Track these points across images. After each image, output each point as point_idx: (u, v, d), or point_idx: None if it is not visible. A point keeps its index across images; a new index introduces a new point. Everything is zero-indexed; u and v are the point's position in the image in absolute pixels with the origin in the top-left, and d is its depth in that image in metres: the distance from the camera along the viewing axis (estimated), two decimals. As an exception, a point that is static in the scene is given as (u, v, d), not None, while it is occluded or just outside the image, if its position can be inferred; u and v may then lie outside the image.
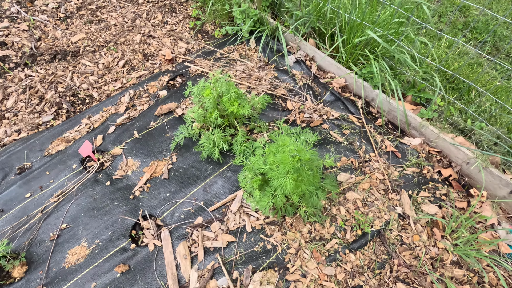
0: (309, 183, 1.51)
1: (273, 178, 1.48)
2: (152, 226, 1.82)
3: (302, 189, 1.47)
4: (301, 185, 1.47)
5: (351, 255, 1.77)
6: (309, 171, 1.46)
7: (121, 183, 2.01)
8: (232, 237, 1.80)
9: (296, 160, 1.36)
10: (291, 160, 1.36)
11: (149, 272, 1.68)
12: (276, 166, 1.46)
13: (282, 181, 1.41)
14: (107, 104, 2.48)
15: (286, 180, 1.40)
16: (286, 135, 1.51)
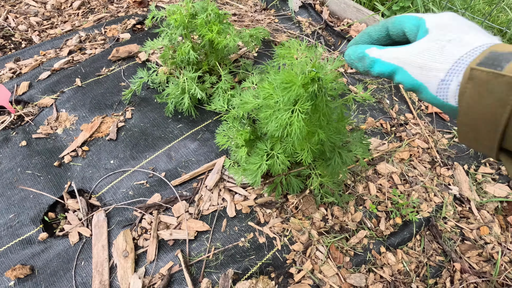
0: (331, 128, 0.87)
1: (269, 118, 0.83)
2: (81, 206, 1.17)
3: (320, 137, 0.83)
4: (317, 131, 0.83)
5: (389, 255, 1.14)
6: (330, 104, 0.82)
7: (45, 144, 1.36)
8: (204, 224, 1.15)
9: (311, 77, 0.71)
10: (303, 79, 0.72)
11: (63, 279, 1.02)
12: (274, 97, 0.81)
13: (285, 117, 0.77)
14: (47, 47, 1.83)
15: (292, 115, 0.76)
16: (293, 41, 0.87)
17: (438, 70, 0.35)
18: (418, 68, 0.36)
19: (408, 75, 0.38)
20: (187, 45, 1.36)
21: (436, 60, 0.35)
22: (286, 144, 0.94)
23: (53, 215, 1.17)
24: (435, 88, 0.35)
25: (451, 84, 0.34)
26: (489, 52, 0.31)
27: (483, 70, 0.30)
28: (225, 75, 1.43)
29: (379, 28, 0.46)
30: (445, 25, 0.37)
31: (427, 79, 0.36)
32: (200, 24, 1.30)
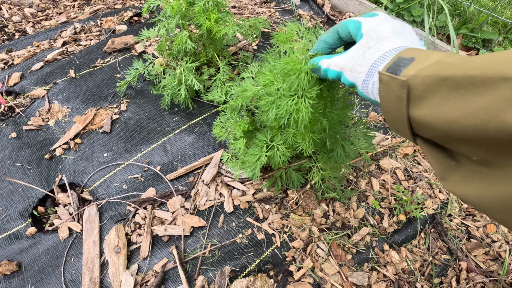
0: (334, 117, 0.82)
1: (270, 106, 0.78)
2: (72, 200, 1.12)
3: (323, 125, 0.78)
4: (320, 119, 0.78)
5: (393, 253, 1.09)
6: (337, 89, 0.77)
7: (36, 136, 1.31)
8: (200, 220, 1.10)
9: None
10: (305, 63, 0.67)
11: (51, 276, 0.97)
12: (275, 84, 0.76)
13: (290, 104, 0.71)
14: (41, 38, 1.78)
15: (299, 101, 0.71)
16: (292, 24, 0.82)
17: (361, 73, 0.44)
18: (349, 71, 0.46)
19: (345, 78, 0.47)
20: (184, 35, 1.31)
21: (359, 64, 0.44)
22: (286, 135, 0.89)
23: (43, 209, 1.12)
24: (360, 86, 0.45)
25: (369, 83, 0.43)
26: (397, 57, 0.39)
27: (386, 75, 0.38)
28: (223, 67, 1.39)
29: (331, 34, 0.54)
30: (372, 30, 0.45)
31: (356, 79, 0.45)
32: (197, 12, 1.25)
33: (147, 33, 1.35)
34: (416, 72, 0.34)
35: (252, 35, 1.51)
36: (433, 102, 0.33)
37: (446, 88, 0.31)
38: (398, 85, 0.36)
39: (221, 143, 1.32)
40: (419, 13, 1.68)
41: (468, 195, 0.33)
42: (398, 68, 0.37)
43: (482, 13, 1.73)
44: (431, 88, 0.33)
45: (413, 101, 0.35)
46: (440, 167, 0.37)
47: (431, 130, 0.34)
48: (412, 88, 0.34)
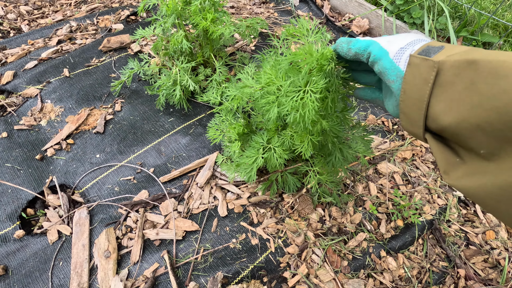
0: (334, 119, 0.80)
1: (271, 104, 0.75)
2: (62, 202, 1.10)
3: (323, 126, 0.75)
4: (320, 120, 0.75)
5: (390, 259, 1.07)
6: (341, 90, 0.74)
7: (27, 136, 1.28)
8: (193, 224, 1.08)
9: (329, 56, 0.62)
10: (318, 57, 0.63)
11: (38, 281, 0.95)
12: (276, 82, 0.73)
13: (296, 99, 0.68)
14: (36, 37, 1.75)
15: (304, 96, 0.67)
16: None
17: (399, 44, 0.46)
18: (386, 42, 0.48)
19: (378, 45, 0.48)
20: (180, 34, 1.29)
21: (398, 39, 0.48)
22: (284, 137, 0.87)
23: (32, 211, 1.09)
24: (394, 53, 0.45)
25: (405, 52, 0.44)
26: (426, 46, 0.41)
27: (417, 57, 0.39)
28: (220, 67, 1.36)
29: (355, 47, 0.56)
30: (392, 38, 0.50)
31: (391, 47, 0.47)
32: (193, 12, 1.23)
33: (143, 32, 1.32)
34: (446, 58, 0.35)
35: (250, 36, 1.49)
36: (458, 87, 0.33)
37: (473, 72, 0.32)
38: (428, 67, 0.36)
39: (216, 145, 1.30)
40: (419, 15, 1.66)
41: (470, 188, 0.34)
42: (428, 53, 0.38)
43: (483, 15, 1.71)
44: (459, 72, 0.33)
45: (439, 86, 0.36)
46: (445, 162, 0.38)
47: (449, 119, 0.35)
48: (441, 71, 0.35)
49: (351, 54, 0.53)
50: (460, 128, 0.34)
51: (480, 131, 0.32)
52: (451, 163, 0.37)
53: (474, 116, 0.32)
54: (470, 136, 0.33)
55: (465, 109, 0.33)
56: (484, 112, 0.30)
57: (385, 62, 0.45)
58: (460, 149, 0.37)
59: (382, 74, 0.47)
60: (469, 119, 0.32)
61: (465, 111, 0.33)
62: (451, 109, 0.34)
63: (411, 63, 0.39)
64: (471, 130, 0.33)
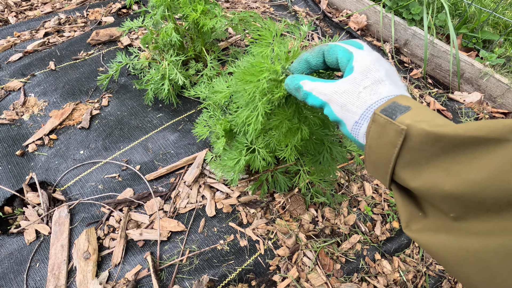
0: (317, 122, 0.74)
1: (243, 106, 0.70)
2: (42, 200, 1.04)
3: (303, 134, 0.69)
4: (301, 127, 0.69)
5: (384, 262, 1.02)
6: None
7: (7, 131, 1.23)
8: (179, 224, 1.03)
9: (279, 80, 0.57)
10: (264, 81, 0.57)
11: (12, 283, 0.89)
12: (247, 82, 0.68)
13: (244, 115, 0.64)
14: (22, 29, 1.69)
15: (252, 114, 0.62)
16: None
17: (354, 113, 0.41)
18: (339, 106, 0.42)
19: (331, 111, 0.43)
20: (169, 27, 1.23)
21: (353, 103, 0.41)
22: (269, 139, 0.82)
23: (10, 209, 1.04)
24: (351, 127, 0.41)
25: (362, 126, 0.40)
26: (391, 102, 0.37)
27: (382, 117, 0.36)
28: (211, 61, 1.31)
29: (315, 55, 0.49)
30: (367, 68, 0.42)
31: (345, 117, 0.42)
32: (183, 3, 1.18)
33: (130, 24, 1.27)
34: (412, 122, 0.33)
35: (243, 30, 1.43)
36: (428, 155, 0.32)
37: (443, 145, 0.31)
38: (395, 131, 0.34)
39: (206, 142, 1.25)
40: (418, 11, 1.62)
41: (433, 245, 0.33)
42: (393, 113, 0.36)
43: (484, 12, 1.67)
44: (427, 141, 0.32)
45: (407, 150, 0.34)
46: (407, 215, 0.36)
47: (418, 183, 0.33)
48: (409, 136, 0.33)
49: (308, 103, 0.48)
50: (429, 193, 0.33)
51: (453, 198, 0.30)
52: (413, 217, 0.36)
53: (448, 184, 0.30)
54: (440, 201, 0.32)
55: (437, 175, 0.31)
56: (461, 182, 0.29)
57: (344, 131, 0.43)
58: (426, 204, 0.36)
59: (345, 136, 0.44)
60: (441, 186, 0.31)
61: (437, 178, 0.31)
62: (421, 173, 0.33)
63: (375, 120, 0.37)
64: (443, 196, 0.31)
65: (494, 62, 1.53)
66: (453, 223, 0.32)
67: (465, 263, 0.30)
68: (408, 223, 0.36)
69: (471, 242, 0.30)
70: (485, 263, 0.28)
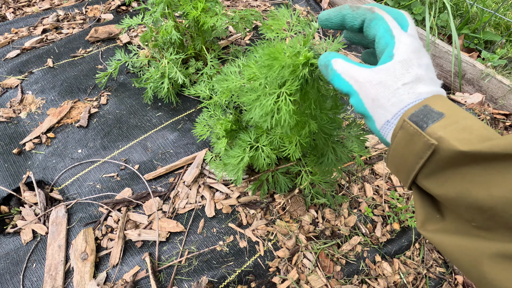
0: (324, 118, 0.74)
1: (252, 104, 0.69)
2: (39, 200, 1.03)
3: (311, 128, 0.69)
4: (308, 121, 0.69)
5: (385, 264, 1.01)
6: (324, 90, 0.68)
7: (4, 129, 1.21)
8: (178, 224, 1.02)
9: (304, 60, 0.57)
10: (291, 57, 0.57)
11: (9, 284, 0.88)
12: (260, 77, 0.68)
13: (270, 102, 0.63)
14: (20, 25, 1.67)
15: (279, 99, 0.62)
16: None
17: (387, 110, 0.37)
18: (371, 100, 0.38)
19: (361, 103, 0.39)
20: (169, 24, 1.22)
21: (388, 99, 0.37)
22: (273, 136, 0.81)
23: (6, 209, 1.03)
24: (381, 125, 0.38)
25: (394, 126, 0.37)
26: (423, 105, 0.34)
27: (411, 125, 0.34)
28: (211, 60, 1.30)
29: (356, 17, 0.43)
30: (409, 61, 0.38)
31: (376, 113, 0.38)
32: (183, 0, 1.16)
33: (130, 21, 1.25)
34: (444, 135, 0.31)
35: (244, 28, 1.42)
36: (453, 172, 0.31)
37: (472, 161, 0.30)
38: (423, 144, 0.33)
39: (206, 141, 1.24)
40: (420, 11, 1.61)
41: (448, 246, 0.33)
42: (424, 120, 0.33)
43: (486, 13, 1.66)
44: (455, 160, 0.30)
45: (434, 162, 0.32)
46: (424, 216, 0.36)
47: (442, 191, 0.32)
48: (438, 151, 0.31)
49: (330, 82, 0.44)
50: (453, 202, 0.32)
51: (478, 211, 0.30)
52: (431, 219, 0.36)
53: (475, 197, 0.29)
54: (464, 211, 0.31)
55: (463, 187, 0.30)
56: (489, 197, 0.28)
57: (371, 127, 0.40)
58: (445, 209, 0.35)
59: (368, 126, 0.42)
60: (467, 198, 0.30)
61: (463, 189, 0.30)
62: (445, 183, 0.32)
63: (404, 127, 0.35)
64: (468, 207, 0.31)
65: (496, 63, 1.52)
66: (473, 230, 0.31)
67: (480, 265, 0.30)
68: (423, 223, 0.36)
69: (489, 247, 0.29)
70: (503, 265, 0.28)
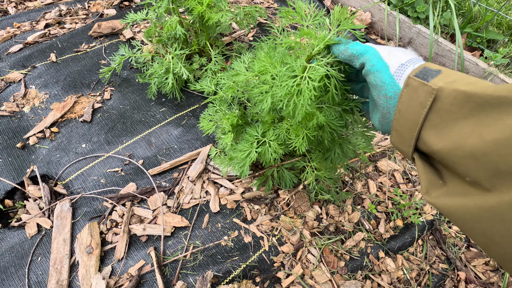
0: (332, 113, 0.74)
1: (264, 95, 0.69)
2: (44, 194, 1.03)
3: (319, 120, 0.70)
4: (316, 114, 0.69)
5: (388, 260, 1.02)
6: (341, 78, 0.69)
7: (8, 123, 1.21)
8: (183, 219, 1.02)
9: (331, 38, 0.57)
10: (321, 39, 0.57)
11: (14, 277, 0.88)
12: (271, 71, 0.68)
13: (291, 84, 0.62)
14: (22, 20, 1.66)
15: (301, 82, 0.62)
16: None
17: (400, 58, 0.44)
18: (387, 52, 0.46)
19: (378, 55, 0.45)
20: (174, 20, 1.22)
21: (400, 52, 0.45)
22: (279, 130, 0.81)
23: (10, 203, 1.02)
24: (395, 68, 0.43)
25: (406, 70, 0.43)
26: (423, 67, 0.41)
27: (415, 79, 0.39)
28: (215, 56, 1.29)
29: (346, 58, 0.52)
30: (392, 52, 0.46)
31: (391, 61, 0.44)
32: (189, -5, 1.16)
33: (134, 16, 1.25)
34: (444, 85, 0.36)
35: (248, 25, 1.42)
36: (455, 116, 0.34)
37: (472, 104, 0.33)
38: (426, 92, 0.37)
39: (210, 137, 1.24)
40: (423, 9, 1.61)
41: (450, 207, 0.35)
42: (426, 77, 0.38)
43: (488, 12, 1.67)
44: (457, 102, 0.34)
45: (435, 112, 0.36)
46: (427, 182, 0.39)
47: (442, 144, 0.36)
48: (439, 98, 0.36)
49: (347, 55, 0.50)
50: (451, 154, 0.35)
51: (472, 159, 0.33)
52: (434, 184, 0.39)
53: (469, 145, 0.32)
54: (460, 162, 0.34)
55: (460, 137, 0.34)
56: (482, 142, 0.31)
57: (385, 76, 0.44)
58: (445, 171, 0.38)
59: (378, 87, 0.45)
60: (463, 147, 0.33)
61: (460, 139, 0.34)
62: (445, 135, 0.35)
63: (408, 84, 0.40)
64: (463, 157, 0.34)
65: (499, 62, 1.53)
66: (470, 188, 0.34)
67: (480, 219, 0.32)
68: (428, 190, 0.39)
69: (486, 200, 0.32)
70: (500, 216, 0.30)
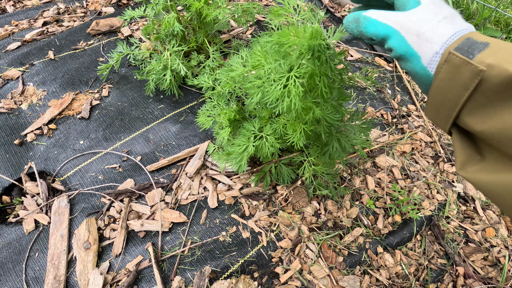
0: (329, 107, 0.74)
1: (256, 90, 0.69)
2: (41, 190, 1.03)
3: (315, 115, 0.70)
4: (313, 108, 0.70)
5: (386, 255, 1.02)
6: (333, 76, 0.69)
7: (6, 120, 1.20)
8: (181, 215, 1.02)
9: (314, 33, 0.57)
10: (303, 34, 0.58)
11: (11, 273, 0.88)
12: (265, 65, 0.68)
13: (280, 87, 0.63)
14: (21, 17, 1.66)
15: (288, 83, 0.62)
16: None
17: (434, 42, 0.35)
18: (415, 35, 0.36)
19: (404, 41, 0.37)
20: (172, 16, 1.21)
21: (433, 31, 0.36)
22: (276, 125, 0.81)
23: (8, 199, 1.02)
24: (428, 59, 0.36)
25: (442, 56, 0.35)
26: (466, 38, 0.34)
27: (457, 56, 0.33)
28: (213, 53, 1.29)
29: None
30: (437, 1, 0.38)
31: (422, 49, 0.36)
32: (186, -9, 1.16)
33: (132, 13, 1.25)
34: (494, 62, 0.30)
35: (246, 22, 1.42)
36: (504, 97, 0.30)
37: None
38: (470, 72, 0.31)
39: (208, 134, 1.24)
40: (421, 6, 1.61)
41: (488, 183, 0.33)
42: (470, 51, 0.32)
43: (486, 8, 1.67)
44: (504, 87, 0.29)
45: (480, 93, 0.31)
46: (464, 158, 0.36)
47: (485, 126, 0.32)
48: (485, 79, 0.30)
49: (364, 38, 0.43)
50: (497, 135, 0.31)
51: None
52: (471, 160, 0.35)
53: None
54: (505, 144, 0.31)
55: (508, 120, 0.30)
56: None
57: (417, 67, 0.38)
58: (486, 148, 0.35)
59: (410, 73, 0.39)
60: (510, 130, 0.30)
61: (507, 123, 0.30)
62: (491, 117, 0.31)
63: (449, 60, 0.33)
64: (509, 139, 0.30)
65: (497, 58, 1.53)
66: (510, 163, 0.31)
67: None
68: (464, 165, 0.36)
69: None
70: None
